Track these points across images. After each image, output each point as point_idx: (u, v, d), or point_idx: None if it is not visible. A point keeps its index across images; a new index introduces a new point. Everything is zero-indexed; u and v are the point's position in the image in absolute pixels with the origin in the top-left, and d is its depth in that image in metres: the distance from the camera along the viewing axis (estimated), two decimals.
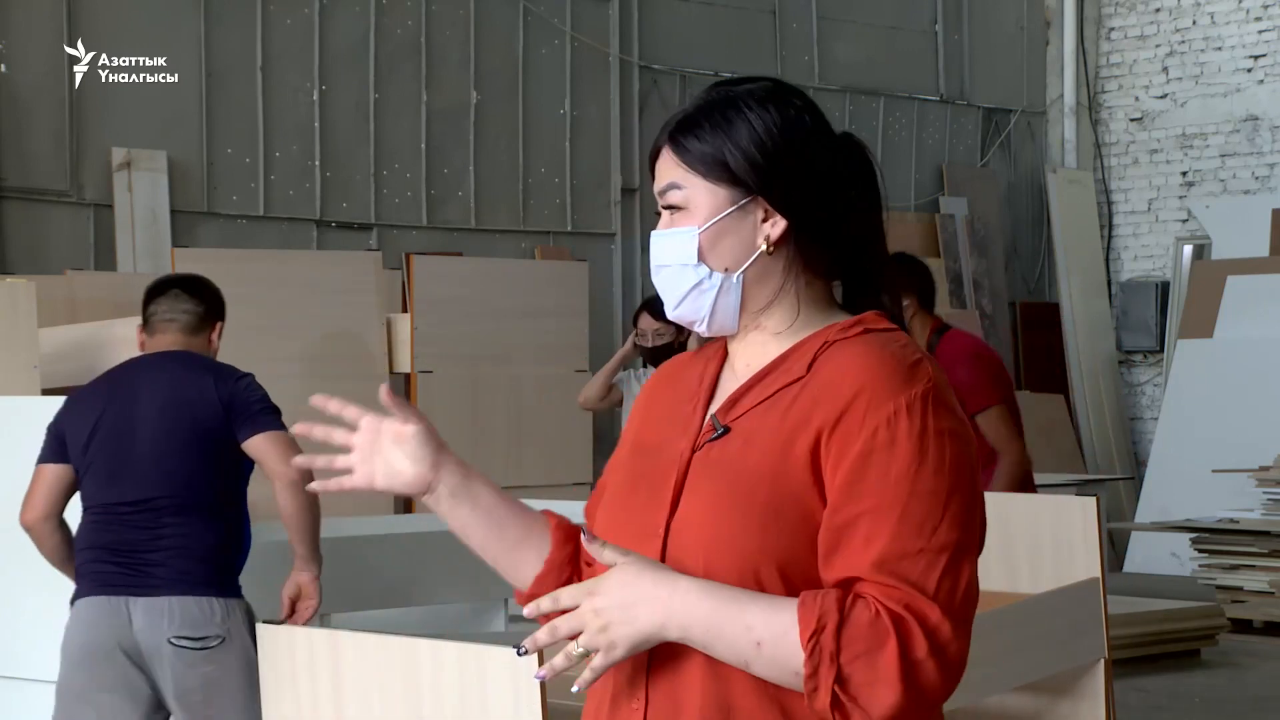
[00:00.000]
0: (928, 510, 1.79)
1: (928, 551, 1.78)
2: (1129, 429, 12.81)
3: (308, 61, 9.58)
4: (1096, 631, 4.07)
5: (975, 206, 12.54)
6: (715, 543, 1.83)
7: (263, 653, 2.73)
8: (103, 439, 4.44)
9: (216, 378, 4.50)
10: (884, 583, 1.76)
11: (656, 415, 2.01)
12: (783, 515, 1.82)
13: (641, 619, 1.78)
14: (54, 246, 8.63)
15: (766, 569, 1.82)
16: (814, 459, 1.83)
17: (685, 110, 1.96)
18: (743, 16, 11.43)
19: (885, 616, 1.74)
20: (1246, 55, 12.33)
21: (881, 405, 1.81)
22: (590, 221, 10.68)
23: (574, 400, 7.60)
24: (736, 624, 1.77)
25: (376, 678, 2.70)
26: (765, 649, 1.76)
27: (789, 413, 1.86)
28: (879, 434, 1.80)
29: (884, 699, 1.74)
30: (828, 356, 1.88)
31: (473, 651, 2.62)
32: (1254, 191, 12.22)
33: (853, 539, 1.79)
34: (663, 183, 1.95)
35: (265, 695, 2.79)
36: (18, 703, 4.91)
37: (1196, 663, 8.18)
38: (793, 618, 1.75)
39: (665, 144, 1.95)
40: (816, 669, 1.74)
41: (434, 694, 2.66)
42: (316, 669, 2.76)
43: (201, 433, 4.42)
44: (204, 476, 4.42)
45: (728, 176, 1.91)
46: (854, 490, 1.79)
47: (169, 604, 4.30)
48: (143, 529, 4.36)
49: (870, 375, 1.83)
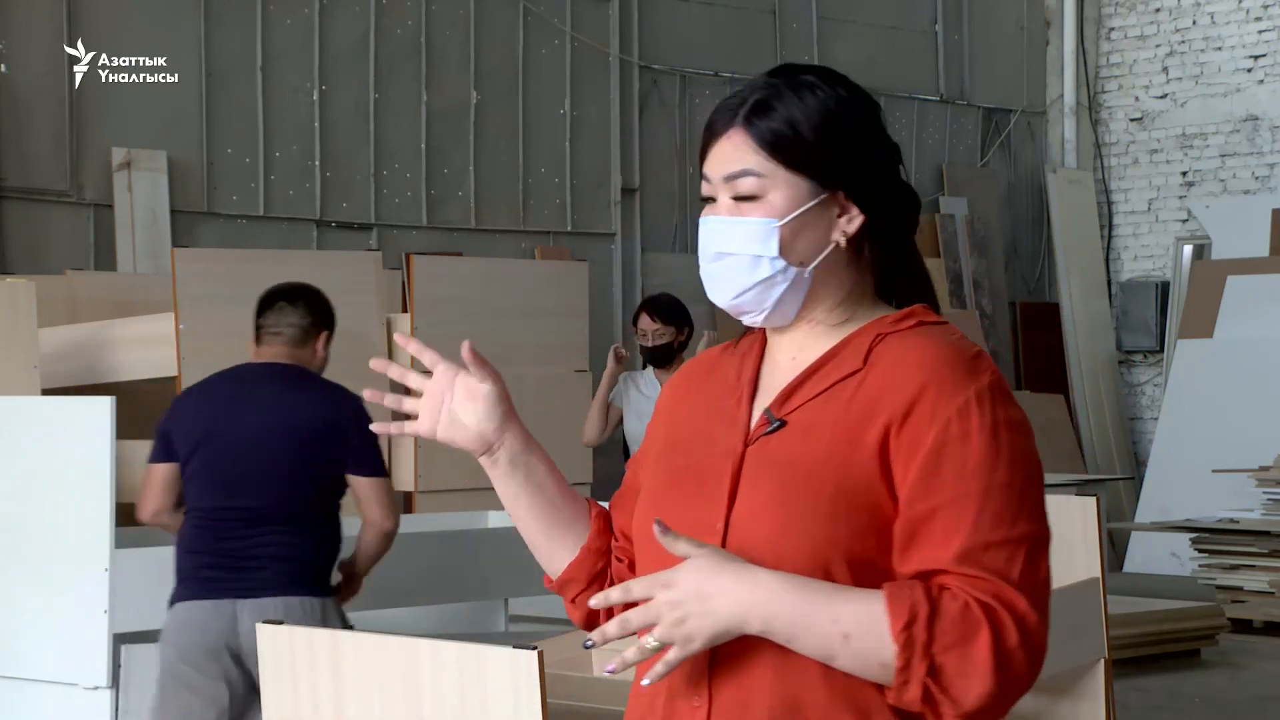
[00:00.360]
0: (1005, 502, 1.78)
1: (1009, 542, 1.78)
2: (1129, 429, 12.81)
3: (308, 61, 9.58)
4: (1096, 631, 4.07)
5: (975, 206, 12.55)
6: (784, 536, 1.81)
7: (262, 653, 2.73)
8: (212, 448, 4.68)
9: (329, 398, 4.75)
10: (969, 574, 1.76)
11: (690, 411, 1.98)
12: (852, 507, 1.81)
13: (721, 611, 1.75)
14: (54, 246, 8.63)
15: (836, 561, 1.80)
16: (882, 451, 1.81)
17: (758, 94, 1.88)
18: (743, 16, 11.44)
19: (976, 607, 1.74)
20: (1246, 55, 12.33)
21: (950, 398, 1.80)
22: (590, 221, 10.68)
23: (574, 400, 7.60)
24: (823, 616, 1.75)
25: (376, 678, 2.70)
26: (854, 641, 1.75)
27: (851, 405, 1.84)
28: (951, 426, 1.79)
29: (976, 689, 1.73)
30: (884, 349, 1.87)
31: (473, 651, 2.61)
32: (1254, 191, 12.23)
33: (932, 531, 1.78)
34: (734, 168, 1.87)
35: (265, 695, 2.79)
36: (18, 703, 4.91)
37: (1196, 663, 8.18)
38: (881, 609, 1.74)
39: (738, 127, 1.87)
40: (909, 661, 1.73)
41: (434, 694, 2.66)
42: (316, 669, 2.76)
43: (308, 450, 4.67)
44: (307, 489, 4.68)
45: (812, 169, 1.87)
46: (931, 483, 1.79)
47: (274, 604, 4.54)
48: (248, 535, 4.61)
49: (935, 368, 1.82)
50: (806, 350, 1.92)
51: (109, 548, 4.73)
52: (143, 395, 6.77)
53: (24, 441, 4.87)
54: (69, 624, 4.81)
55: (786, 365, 1.93)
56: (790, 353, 1.93)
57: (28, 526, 4.91)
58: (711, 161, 1.90)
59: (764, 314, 1.90)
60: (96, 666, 4.74)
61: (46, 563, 4.82)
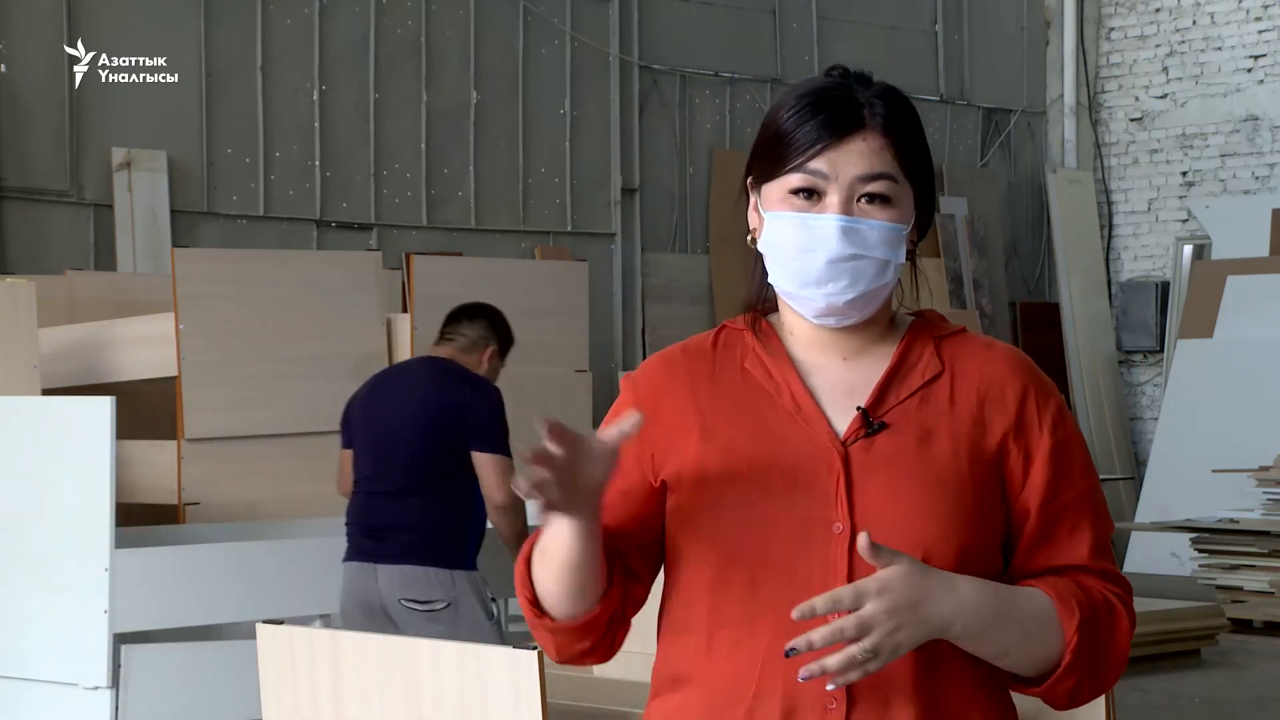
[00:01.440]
0: (1100, 499, 1.95)
1: (1107, 537, 1.94)
2: (1129, 429, 12.81)
3: (308, 61, 9.58)
4: None
5: (975, 206, 12.54)
6: (934, 535, 1.84)
7: (262, 653, 2.73)
8: (367, 426, 5.29)
9: (464, 384, 5.24)
10: (1100, 567, 1.90)
11: (723, 411, 1.92)
12: (988, 508, 1.89)
13: (932, 619, 1.78)
14: (54, 246, 8.63)
15: (978, 559, 1.87)
16: (1000, 454, 1.90)
17: (883, 101, 1.91)
18: (743, 16, 11.43)
19: (1113, 600, 1.89)
20: (1246, 55, 12.33)
21: (1047, 402, 1.93)
22: (590, 221, 10.68)
23: (574, 400, 7.59)
24: (1009, 617, 1.83)
25: (376, 678, 2.70)
26: (1031, 640, 1.84)
27: (956, 408, 1.91)
28: (1058, 429, 1.92)
29: (1112, 676, 1.89)
30: (953, 353, 1.95)
31: (473, 651, 2.61)
32: (1254, 191, 12.22)
33: (1062, 528, 1.90)
34: (874, 169, 1.88)
35: (265, 695, 2.79)
36: (18, 703, 4.91)
37: (1196, 663, 8.18)
38: (1051, 608, 1.84)
39: (876, 130, 1.89)
40: (1080, 655, 1.84)
41: (434, 694, 2.66)
42: (316, 669, 2.76)
43: (439, 429, 5.16)
44: (434, 464, 5.16)
45: (921, 182, 1.93)
46: (1057, 484, 1.90)
47: (401, 571, 5.08)
48: (388, 506, 5.15)
49: (1024, 374, 1.94)
50: (861, 353, 1.94)
51: (109, 548, 4.73)
52: (143, 395, 6.77)
53: (24, 441, 4.87)
54: (69, 624, 4.81)
55: (838, 366, 1.94)
56: (840, 353, 1.94)
57: (28, 526, 4.90)
58: (838, 158, 1.88)
59: (861, 315, 1.93)
60: (96, 666, 4.74)
61: (46, 563, 4.82)
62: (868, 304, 1.91)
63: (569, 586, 1.88)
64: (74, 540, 4.80)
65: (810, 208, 1.88)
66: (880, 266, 1.89)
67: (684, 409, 1.94)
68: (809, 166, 1.88)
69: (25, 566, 4.79)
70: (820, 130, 1.88)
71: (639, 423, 1.83)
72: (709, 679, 1.88)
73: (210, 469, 6.57)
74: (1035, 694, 1.90)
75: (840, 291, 1.88)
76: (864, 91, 1.91)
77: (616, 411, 1.98)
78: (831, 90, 1.90)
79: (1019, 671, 1.87)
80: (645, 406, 1.93)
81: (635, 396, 1.97)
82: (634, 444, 1.91)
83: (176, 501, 6.52)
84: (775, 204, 1.91)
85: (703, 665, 1.89)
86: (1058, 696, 1.88)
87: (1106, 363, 12.76)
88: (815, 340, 1.95)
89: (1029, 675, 1.87)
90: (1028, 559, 1.90)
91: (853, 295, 1.88)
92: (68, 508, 4.81)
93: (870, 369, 1.93)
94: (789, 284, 1.91)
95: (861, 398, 1.91)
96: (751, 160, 1.96)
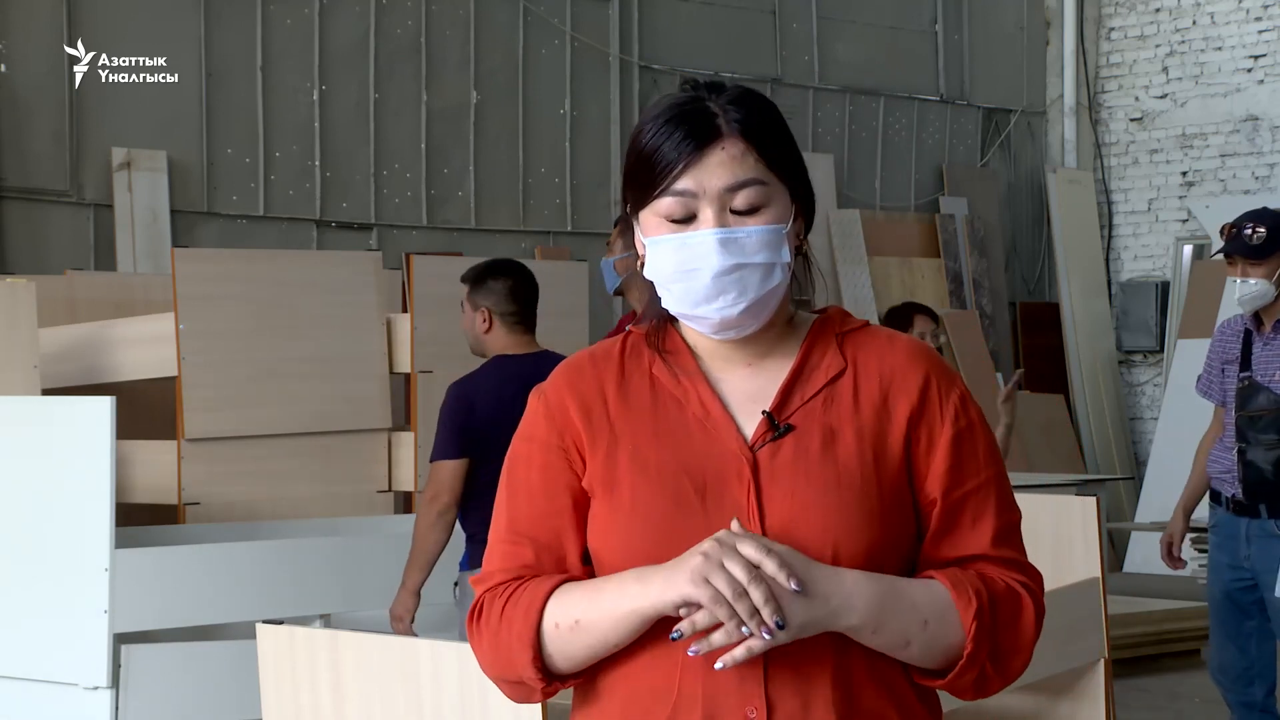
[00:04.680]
0: (1005, 487, 1.95)
1: (1014, 525, 1.94)
2: (1129, 429, 12.81)
3: (308, 61, 9.58)
4: (1096, 631, 4.07)
5: (975, 206, 12.54)
6: (842, 536, 1.85)
7: (262, 653, 2.73)
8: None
9: None
10: (1002, 556, 1.91)
11: (631, 424, 1.92)
12: (896, 502, 1.89)
13: (817, 599, 1.80)
14: (54, 246, 8.63)
15: (889, 555, 1.87)
16: (905, 446, 1.91)
17: (737, 105, 1.89)
18: (743, 16, 11.43)
19: (1017, 588, 1.89)
20: (1246, 55, 12.33)
21: (949, 392, 1.93)
22: (590, 221, 10.68)
23: None
24: (904, 605, 1.83)
25: (376, 678, 2.70)
26: (930, 628, 1.84)
27: (860, 405, 1.91)
28: (959, 419, 1.92)
29: (1018, 665, 1.89)
30: (855, 348, 1.95)
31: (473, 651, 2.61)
32: (1254, 191, 12.22)
33: (964, 517, 1.91)
34: (738, 177, 1.87)
35: (265, 695, 2.79)
36: (18, 703, 4.91)
37: (1196, 663, 8.17)
38: (948, 597, 1.85)
39: (733, 136, 1.88)
40: (979, 644, 1.85)
41: (434, 694, 2.66)
42: (316, 669, 2.76)
43: None
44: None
45: (791, 179, 1.92)
46: (958, 473, 1.91)
47: (464, 578, 5.06)
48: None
49: (926, 365, 1.94)
50: (765, 357, 1.94)
51: (109, 548, 4.72)
52: (143, 395, 6.77)
53: (24, 441, 4.87)
54: (69, 624, 4.81)
55: (745, 372, 1.94)
56: (744, 359, 1.94)
57: (27, 526, 4.90)
58: (702, 174, 1.87)
59: (758, 323, 1.92)
60: (96, 666, 4.74)
61: (46, 563, 4.82)
62: (761, 310, 1.90)
63: (598, 655, 1.88)
64: (74, 540, 4.80)
65: (686, 228, 1.88)
66: (765, 271, 1.88)
67: (593, 419, 1.94)
68: (675, 188, 1.88)
69: (25, 566, 4.78)
70: (679, 147, 1.87)
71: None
72: (627, 691, 1.88)
73: (210, 469, 6.57)
74: (942, 686, 1.89)
75: (731, 304, 1.88)
76: (717, 100, 1.90)
77: (530, 426, 1.98)
78: (684, 105, 1.90)
79: (926, 665, 1.87)
80: (556, 419, 1.94)
81: (546, 410, 1.97)
82: (559, 459, 1.92)
83: (176, 501, 6.51)
84: (653, 229, 1.91)
85: (621, 677, 1.89)
86: (963, 688, 1.88)
87: (1106, 363, 12.76)
88: (718, 352, 1.95)
89: (936, 668, 1.87)
90: (934, 549, 1.91)
91: (744, 304, 1.88)
92: (68, 508, 4.80)
93: (775, 372, 1.94)
94: (680, 306, 1.91)
95: (767, 402, 1.91)
96: (624, 190, 1.96)
